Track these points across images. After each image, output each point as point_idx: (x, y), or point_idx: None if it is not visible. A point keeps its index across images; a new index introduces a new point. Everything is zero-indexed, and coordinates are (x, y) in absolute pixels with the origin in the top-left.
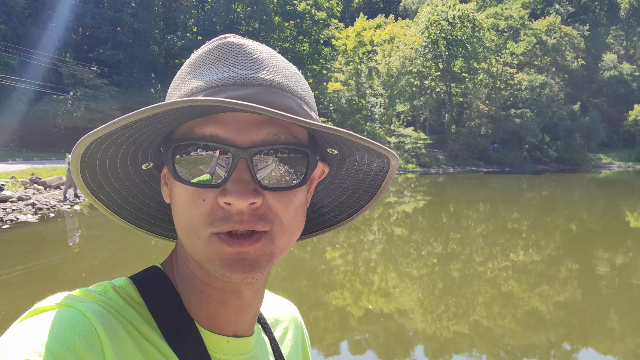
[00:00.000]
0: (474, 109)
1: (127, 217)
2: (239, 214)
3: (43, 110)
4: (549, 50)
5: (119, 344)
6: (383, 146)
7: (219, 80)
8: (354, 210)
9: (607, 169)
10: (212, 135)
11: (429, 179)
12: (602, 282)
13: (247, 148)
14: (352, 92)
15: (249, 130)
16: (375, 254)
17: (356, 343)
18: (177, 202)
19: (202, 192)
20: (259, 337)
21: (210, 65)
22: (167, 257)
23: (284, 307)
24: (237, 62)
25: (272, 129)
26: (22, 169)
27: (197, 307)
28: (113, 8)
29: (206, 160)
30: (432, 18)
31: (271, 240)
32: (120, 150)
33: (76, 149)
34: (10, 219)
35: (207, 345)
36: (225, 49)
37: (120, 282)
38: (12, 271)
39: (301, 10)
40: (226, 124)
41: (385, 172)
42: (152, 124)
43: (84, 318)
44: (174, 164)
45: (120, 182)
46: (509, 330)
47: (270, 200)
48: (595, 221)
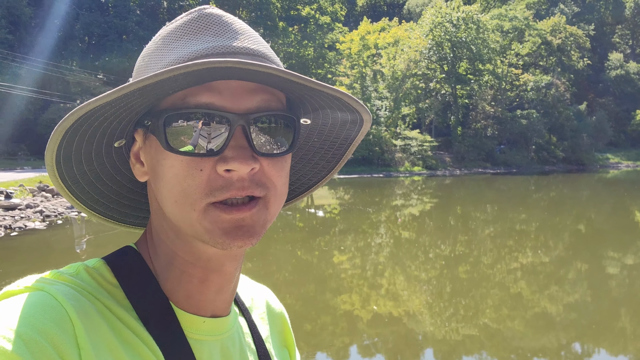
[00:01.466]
0: (480, 111)
1: (87, 202)
2: (240, 180)
3: (50, 119)
4: (554, 51)
5: (92, 326)
6: (360, 102)
7: (208, 50)
8: (315, 182)
9: (615, 169)
10: (208, 103)
11: (435, 182)
12: (612, 282)
13: (243, 114)
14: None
15: (244, 97)
16: (382, 257)
17: (365, 347)
18: (168, 175)
19: (198, 161)
20: (236, 318)
21: (194, 35)
22: (140, 238)
23: (261, 291)
24: (222, 32)
25: (264, 96)
26: (30, 177)
27: (175, 287)
28: (119, 16)
29: (200, 129)
30: (436, 20)
31: (265, 206)
32: (103, 125)
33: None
34: (19, 227)
35: (183, 326)
36: (207, 20)
37: (93, 262)
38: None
39: (305, 15)
40: (221, 92)
41: (354, 136)
42: (149, 93)
43: (55, 301)
44: (166, 134)
45: (89, 162)
46: (518, 332)
47: (265, 166)
48: (604, 221)
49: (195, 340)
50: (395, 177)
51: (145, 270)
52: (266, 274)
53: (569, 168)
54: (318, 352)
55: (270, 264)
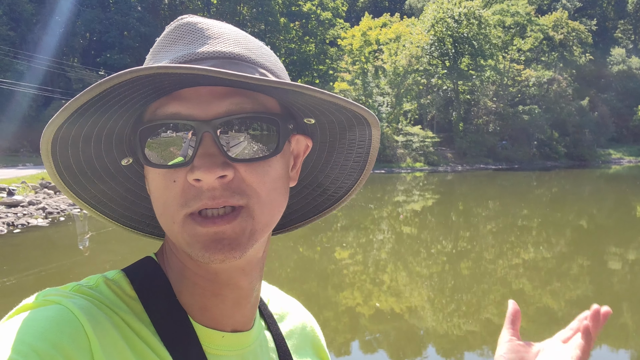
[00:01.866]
0: (482, 106)
1: (119, 218)
2: (210, 189)
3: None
4: (556, 46)
5: (107, 341)
6: (350, 100)
7: (175, 60)
8: (350, 185)
9: (617, 164)
10: (174, 113)
11: (437, 178)
12: (614, 278)
13: (209, 120)
14: (358, 92)
15: (211, 102)
16: (384, 253)
17: (367, 343)
18: (152, 188)
19: (172, 173)
20: (260, 332)
21: (168, 47)
22: (160, 248)
23: (292, 304)
24: (194, 40)
25: (235, 99)
26: (33, 173)
27: (190, 299)
28: (120, 12)
29: (176, 142)
30: (438, 16)
31: (250, 215)
32: (92, 145)
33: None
34: (22, 224)
35: (202, 341)
36: (182, 29)
37: (113, 274)
38: (24, 275)
39: (306, 11)
40: (188, 100)
41: (369, 136)
42: (111, 107)
43: (71, 315)
44: (143, 148)
45: (105, 182)
46: (520, 327)
47: (243, 172)
48: (606, 217)
49: (214, 355)
50: (397, 173)
51: (164, 283)
52: (268, 270)
53: (571, 164)
54: None
55: (272, 260)
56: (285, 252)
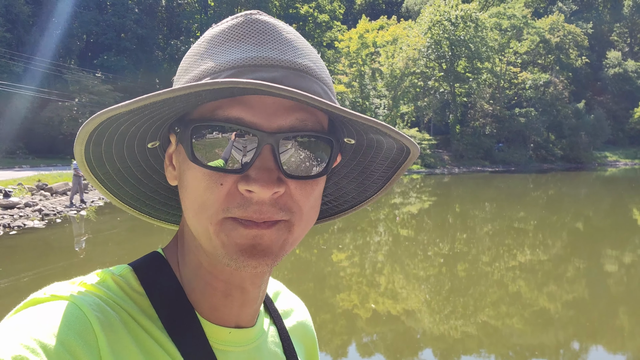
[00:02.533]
0: (478, 109)
1: (123, 197)
2: (259, 203)
3: (48, 117)
4: (552, 49)
5: (115, 338)
6: (407, 136)
7: (244, 60)
8: (359, 201)
9: (613, 167)
10: (237, 118)
11: (434, 180)
12: (611, 280)
13: (273, 133)
14: (355, 94)
15: (277, 115)
16: (381, 255)
17: (364, 345)
18: (191, 186)
19: (220, 176)
20: (264, 327)
21: (235, 42)
22: (170, 242)
23: (297, 303)
24: (265, 42)
25: (300, 115)
26: (29, 175)
27: (200, 297)
28: (117, 14)
29: (226, 143)
30: (435, 18)
31: (288, 229)
32: (132, 128)
33: (88, 124)
34: (18, 225)
35: (209, 337)
36: (251, 27)
37: (120, 270)
38: (20, 277)
39: (304, 14)
40: (253, 107)
41: (399, 164)
42: (173, 104)
43: (80, 311)
44: (192, 145)
45: (122, 160)
46: (517, 330)
47: (292, 189)
48: (602, 219)
49: (221, 350)
50: None
51: (171, 278)
52: None
53: (567, 166)
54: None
55: None
56: None
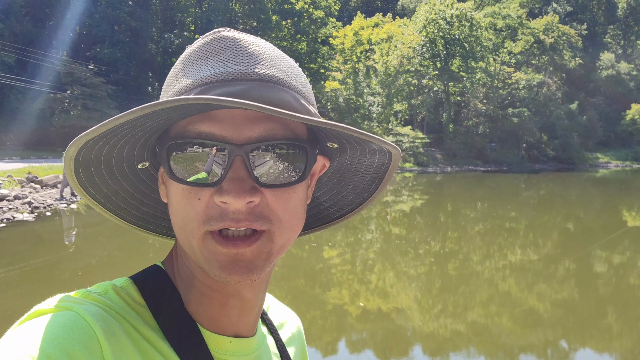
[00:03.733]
0: (472, 108)
1: (127, 217)
2: (236, 212)
3: (40, 109)
4: (546, 50)
5: (118, 347)
6: (383, 139)
7: (212, 77)
8: (356, 205)
9: (604, 168)
10: (207, 132)
11: (426, 178)
12: (600, 280)
13: (243, 145)
14: (349, 91)
15: (245, 126)
16: (372, 253)
17: (354, 342)
18: (173, 201)
19: (197, 190)
20: (263, 338)
21: (203, 61)
22: (168, 256)
23: (290, 315)
24: (231, 57)
25: (268, 125)
26: (19, 167)
27: (198, 308)
28: (111, 6)
29: (202, 158)
30: (430, 17)
31: (270, 239)
32: (115, 150)
33: (69, 151)
34: (7, 218)
35: (210, 346)
36: (219, 44)
37: (121, 282)
38: (9, 270)
39: (299, 9)
40: (221, 121)
41: (387, 165)
42: (144, 123)
43: (83, 322)
44: (169, 162)
45: (118, 182)
46: (506, 329)
47: (269, 197)
48: (593, 220)
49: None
50: None
51: (172, 290)
52: None
53: (559, 167)
54: (307, 346)
55: None
56: None
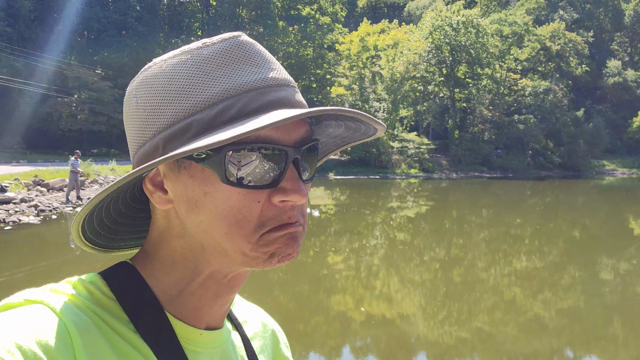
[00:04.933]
0: (478, 115)
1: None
2: (292, 209)
3: (47, 113)
4: (553, 56)
5: (89, 340)
6: (377, 119)
7: (257, 82)
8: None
9: (610, 176)
10: (266, 137)
11: (431, 184)
12: (606, 289)
13: (297, 147)
14: (355, 97)
15: (294, 129)
16: (377, 259)
17: (358, 348)
18: (221, 207)
19: (256, 193)
20: (229, 331)
21: (234, 65)
22: (138, 254)
23: (253, 309)
24: (261, 63)
25: (306, 127)
26: (26, 170)
27: (189, 298)
28: (118, 11)
29: (256, 161)
30: (436, 24)
31: (303, 229)
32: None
33: (82, 211)
34: (13, 220)
35: (180, 338)
36: (245, 49)
37: (90, 277)
38: (14, 273)
39: (305, 15)
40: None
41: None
42: None
43: (54, 315)
44: (226, 167)
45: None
46: (511, 336)
47: None
48: (599, 228)
49: (192, 351)
50: (391, 179)
51: (141, 284)
52: (260, 272)
53: (565, 174)
54: (311, 352)
55: None
56: None
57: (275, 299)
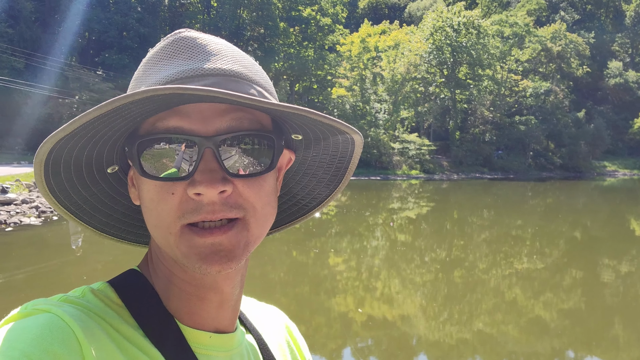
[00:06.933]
0: (479, 116)
1: (97, 225)
2: (210, 204)
3: (48, 114)
4: (554, 58)
5: (98, 346)
6: (345, 123)
7: (178, 74)
8: (325, 196)
9: (611, 177)
10: (176, 127)
11: (432, 186)
12: (607, 290)
13: (212, 137)
14: (356, 98)
15: (213, 119)
16: (378, 260)
17: (359, 349)
18: (146, 200)
19: (170, 185)
20: (243, 335)
21: (167, 60)
22: (143, 259)
23: (269, 311)
24: (194, 55)
25: (235, 115)
26: (27, 172)
27: (177, 305)
28: (119, 13)
29: (171, 154)
30: (437, 25)
31: (246, 228)
32: (84, 153)
33: (39, 154)
34: (14, 222)
35: (190, 341)
36: (181, 44)
37: (98, 285)
38: (15, 274)
39: (306, 16)
40: (189, 116)
41: (351, 153)
42: (114, 121)
43: (62, 322)
44: (140, 160)
45: (87, 188)
46: (512, 338)
47: (240, 187)
48: (600, 229)
49: (203, 355)
50: (392, 180)
51: (148, 289)
52: (261, 274)
53: (566, 175)
54: (312, 353)
55: (265, 264)
56: (279, 256)
57: (277, 300)
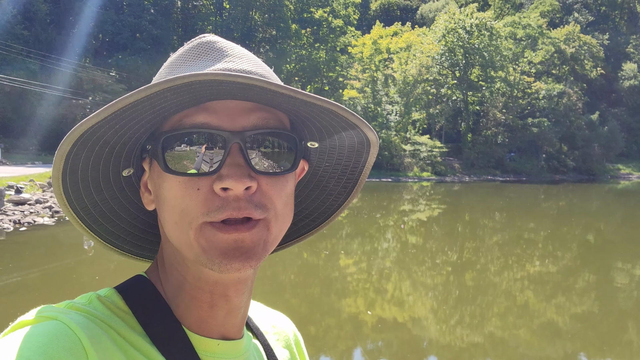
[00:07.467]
0: (491, 118)
1: (102, 233)
2: (236, 200)
3: (62, 115)
4: (567, 59)
5: (104, 354)
6: (366, 122)
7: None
8: (333, 210)
9: (626, 180)
10: (204, 123)
11: (444, 188)
12: (620, 294)
13: (239, 132)
14: (368, 100)
15: (240, 116)
16: (389, 262)
17: (369, 351)
18: (169, 197)
19: (196, 181)
20: (250, 340)
21: (192, 61)
22: (151, 266)
23: (277, 317)
24: (219, 57)
25: (262, 114)
26: (41, 172)
27: (186, 312)
28: (133, 14)
29: (192, 156)
30: (449, 26)
31: (266, 227)
32: (105, 150)
33: (64, 144)
34: (28, 222)
35: (197, 349)
36: (206, 47)
37: (105, 292)
38: (28, 273)
39: (318, 18)
40: (217, 112)
41: (364, 162)
42: (144, 112)
43: (68, 330)
44: (164, 156)
45: (99, 192)
46: (524, 341)
47: (264, 186)
48: (614, 232)
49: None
50: (403, 182)
51: (156, 296)
52: (272, 274)
53: (579, 178)
54: (322, 354)
55: (276, 264)
56: (290, 257)
57: (287, 302)
